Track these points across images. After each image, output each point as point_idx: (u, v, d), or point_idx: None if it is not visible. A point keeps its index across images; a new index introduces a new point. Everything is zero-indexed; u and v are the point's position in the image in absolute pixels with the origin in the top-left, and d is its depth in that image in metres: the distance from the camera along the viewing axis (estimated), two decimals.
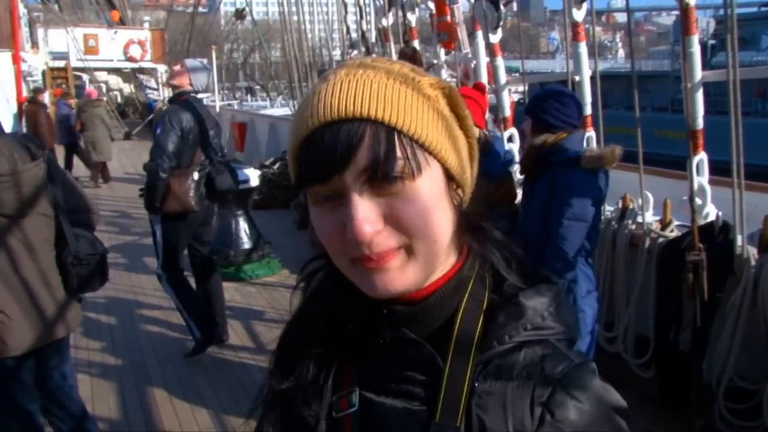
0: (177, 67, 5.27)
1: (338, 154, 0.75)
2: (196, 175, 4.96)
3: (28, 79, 16.41)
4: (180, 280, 5.15)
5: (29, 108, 13.31)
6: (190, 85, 5.09)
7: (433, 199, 0.79)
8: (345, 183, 0.76)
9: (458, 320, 0.84)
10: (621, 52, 63.36)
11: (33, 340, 2.82)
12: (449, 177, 0.82)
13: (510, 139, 5.67)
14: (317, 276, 0.99)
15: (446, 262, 0.86)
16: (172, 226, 4.97)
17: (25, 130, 12.22)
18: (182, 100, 5.02)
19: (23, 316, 2.78)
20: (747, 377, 3.67)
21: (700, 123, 3.69)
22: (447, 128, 0.82)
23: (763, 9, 33.53)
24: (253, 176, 7.48)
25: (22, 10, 15.61)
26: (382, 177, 0.76)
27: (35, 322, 2.82)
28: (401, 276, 0.79)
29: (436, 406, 0.81)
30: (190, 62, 5.29)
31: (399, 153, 0.76)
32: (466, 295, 0.85)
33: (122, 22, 27.93)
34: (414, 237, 0.78)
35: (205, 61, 5.57)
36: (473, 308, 0.85)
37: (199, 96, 5.28)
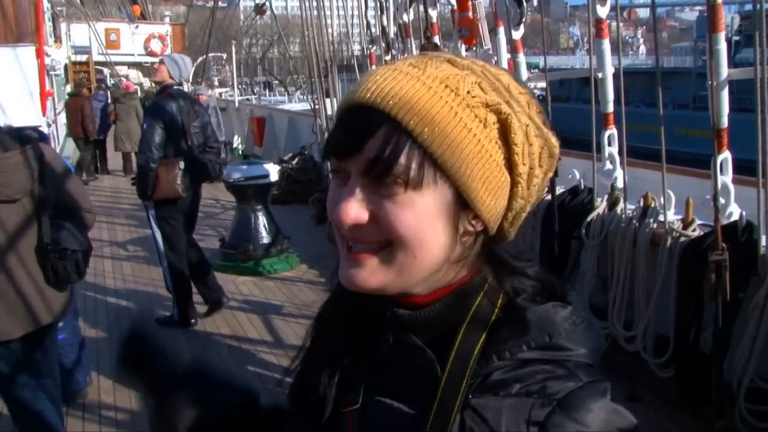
0: (157, 65, 5.75)
1: (350, 139, 0.78)
2: (182, 164, 5.36)
3: (51, 73, 16.54)
4: (177, 263, 5.58)
5: (74, 101, 13.96)
6: (171, 78, 5.47)
7: (424, 217, 0.78)
8: (351, 167, 0.79)
9: (461, 331, 0.83)
10: (642, 48, 62.72)
11: (12, 327, 2.81)
12: (464, 204, 0.79)
13: None
14: None
15: (452, 274, 0.85)
16: (165, 211, 5.46)
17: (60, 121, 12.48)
18: (166, 94, 5.42)
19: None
20: None
21: (725, 121, 3.64)
22: (481, 157, 0.77)
23: None
24: (272, 171, 7.51)
25: (45, 4, 15.72)
26: (378, 174, 0.77)
27: (14, 309, 2.81)
28: (369, 276, 0.81)
29: (429, 413, 0.80)
30: (166, 57, 5.74)
31: (403, 159, 0.76)
32: (473, 308, 0.84)
33: (143, 17, 28.14)
34: (395, 243, 0.79)
35: (185, 56, 6.05)
36: (478, 321, 0.83)
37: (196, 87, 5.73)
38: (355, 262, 0.81)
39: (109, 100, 15.58)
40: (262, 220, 7.42)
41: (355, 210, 0.78)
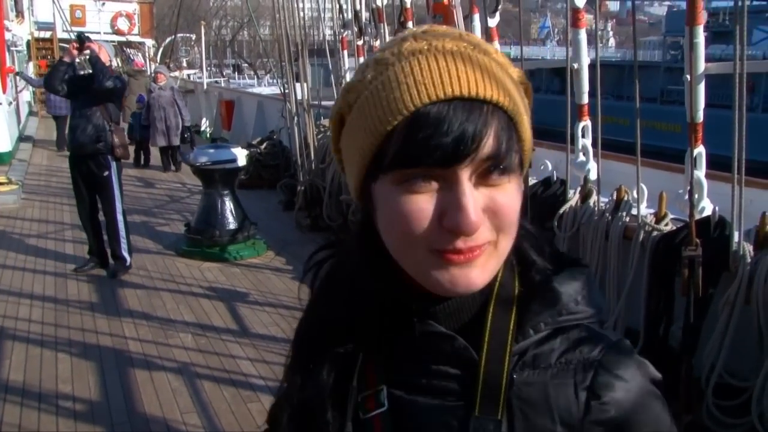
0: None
1: (469, 140, 0.69)
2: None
3: (12, 49, 16.11)
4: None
5: None
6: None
7: (521, 196, 0.78)
8: (461, 170, 0.71)
9: (491, 310, 0.80)
10: (612, 41, 63.28)
11: None
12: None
13: None
14: (324, 268, 0.95)
15: None
16: (120, 168, 6.56)
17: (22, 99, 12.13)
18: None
19: None
20: (736, 374, 3.63)
21: (700, 116, 3.61)
22: (529, 125, 0.79)
23: (755, 3, 33.58)
24: (239, 156, 7.38)
25: None
26: (501, 170, 0.72)
27: None
28: (484, 272, 0.76)
29: (474, 399, 0.78)
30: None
31: (516, 145, 0.74)
32: (497, 285, 0.81)
33: None
34: (502, 232, 0.75)
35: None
36: (504, 298, 0.81)
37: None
38: (466, 264, 0.74)
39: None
40: (228, 205, 7.30)
41: (478, 214, 0.72)
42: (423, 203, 0.72)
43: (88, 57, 6.21)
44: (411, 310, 0.82)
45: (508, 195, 0.74)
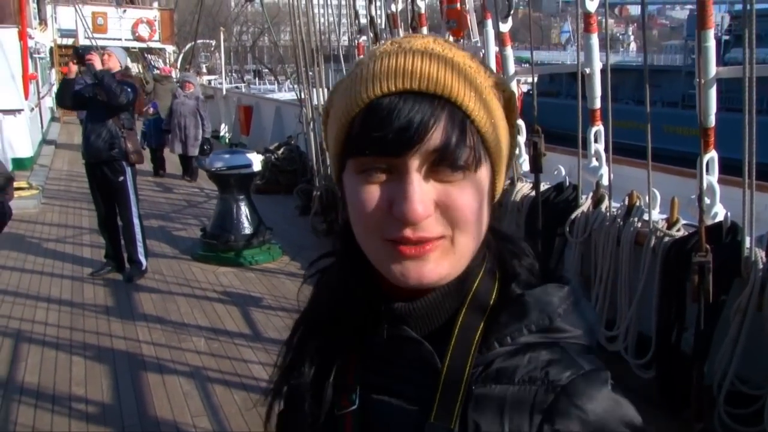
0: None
1: (414, 130, 0.71)
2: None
3: (35, 56, 16.33)
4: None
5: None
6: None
7: (482, 196, 0.77)
8: (409, 160, 0.72)
9: (460, 319, 0.80)
10: (633, 46, 62.80)
11: None
12: (493, 179, 0.81)
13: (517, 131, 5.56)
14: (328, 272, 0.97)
15: None
16: (135, 173, 6.62)
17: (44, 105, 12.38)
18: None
19: None
20: (749, 382, 3.59)
21: (712, 120, 3.58)
22: (503, 131, 0.80)
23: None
24: (255, 161, 7.43)
25: None
26: (449, 163, 0.73)
27: None
28: (437, 268, 0.76)
29: (432, 406, 0.78)
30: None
31: (469, 141, 0.74)
32: (471, 293, 0.81)
33: (131, 1, 27.79)
34: (459, 229, 0.75)
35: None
36: (476, 307, 0.81)
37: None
38: (418, 257, 0.75)
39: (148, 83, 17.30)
40: (244, 210, 7.33)
41: (424, 205, 0.73)
42: (375, 192, 0.74)
43: (92, 72, 6.22)
44: (381, 311, 0.82)
45: (464, 192, 0.74)
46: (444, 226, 0.75)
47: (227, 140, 17.39)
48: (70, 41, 23.03)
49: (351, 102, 0.75)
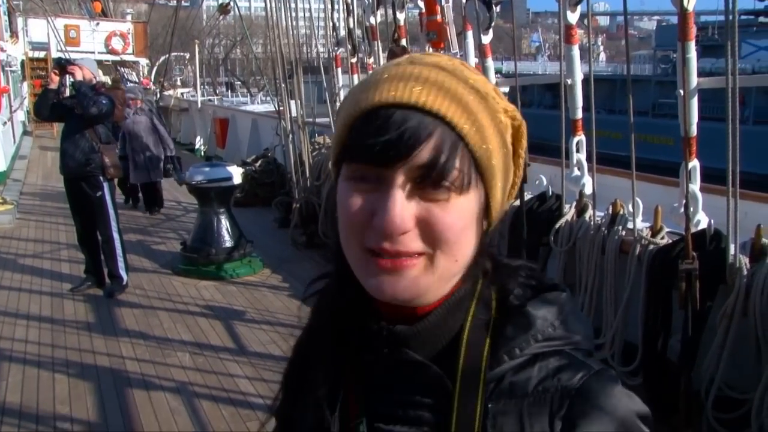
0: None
1: (404, 143, 0.72)
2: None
3: (7, 69, 16.12)
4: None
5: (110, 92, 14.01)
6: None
7: (468, 220, 0.76)
8: (395, 172, 0.73)
9: (465, 336, 0.79)
10: (603, 56, 63.63)
11: None
12: (486, 205, 0.79)
13: None
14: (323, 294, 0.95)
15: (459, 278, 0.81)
16: (113, 187, 6.65)
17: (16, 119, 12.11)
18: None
19: None
20: (736, 387, 3.64)
21: (694, 129, 3.65)
22: (504, 159, 0.79)
23: (743, 17, 33.89)
24: (235, 174, 7.39)
25: None
26: (433, 181, 0.73)
27: None
28: (412, 285, 0.75)
29: (449, 430, 0.76)
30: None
31: (458, 164, 0.73)
32: (471, 310, 0.81)
33: (104, 14, 27.53)
34: (439, 249, 0.75)
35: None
36: (479, 323, 0.80)
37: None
38: (394, 271, 0.74)
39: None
40: (224, 223, 7.29)
41: (403, 219, 0.72)
42: (360, 199, 0.75)
43: (71, 82, 6.24)
44: (381, 334, 0.81)
45: (448, 213, 0.74)
46: (424, 244, 0.74)
47: (203, 153, 17.28)
48: (42, 54, 22.78)
49: (352, 107, 0.76)
